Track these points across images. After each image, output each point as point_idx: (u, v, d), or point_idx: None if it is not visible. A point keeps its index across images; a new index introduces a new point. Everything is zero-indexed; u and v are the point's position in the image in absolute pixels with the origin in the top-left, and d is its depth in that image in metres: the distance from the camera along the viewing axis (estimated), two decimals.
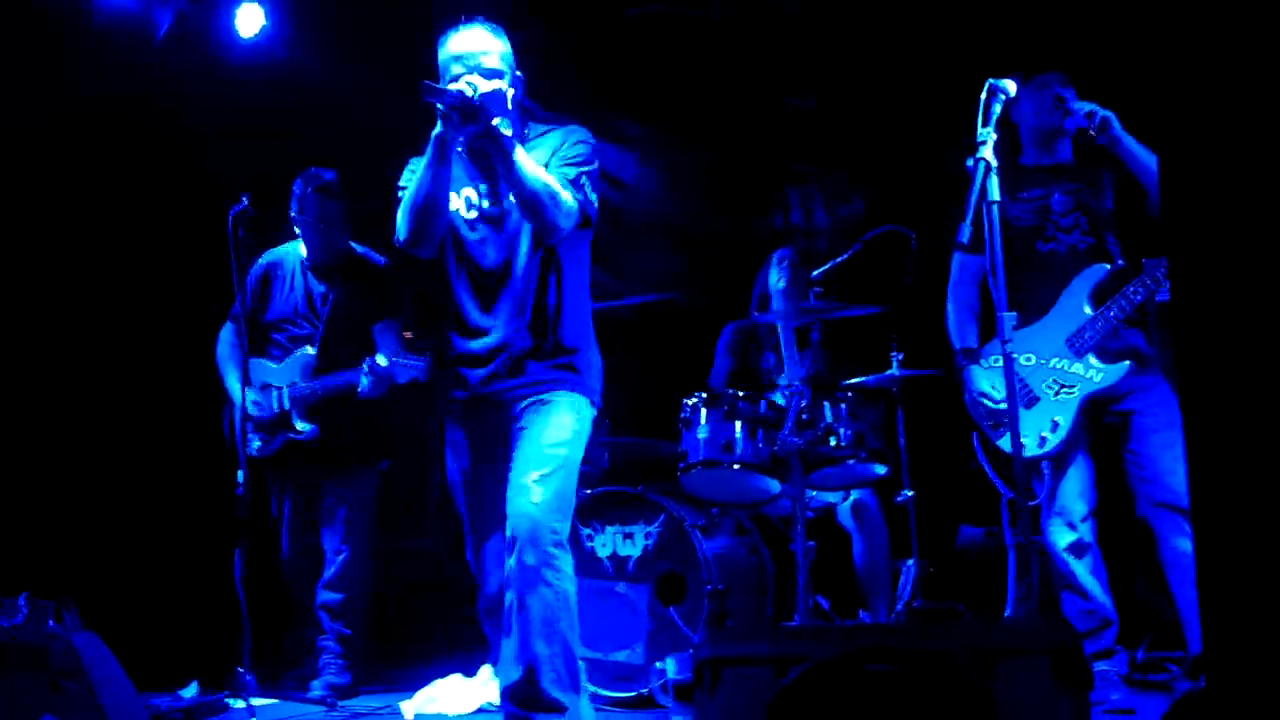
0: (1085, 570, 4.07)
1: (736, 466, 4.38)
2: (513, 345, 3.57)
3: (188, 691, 4.63)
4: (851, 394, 4.51)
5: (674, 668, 4.20)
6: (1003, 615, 4.35)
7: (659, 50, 6.25)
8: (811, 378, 4.94)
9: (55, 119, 5.55)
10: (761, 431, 4.40)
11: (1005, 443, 3.97)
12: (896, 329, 4.79)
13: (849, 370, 5.00)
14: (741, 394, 4.50)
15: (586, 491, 4.67)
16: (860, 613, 4.84)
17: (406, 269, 4.83)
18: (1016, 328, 3.54)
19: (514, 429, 3.54)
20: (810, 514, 4.53)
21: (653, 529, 4.59)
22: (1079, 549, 4.06)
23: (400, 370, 4.57)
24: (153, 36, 5.77)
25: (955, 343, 4.32)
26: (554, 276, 3.61)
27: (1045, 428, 4.06)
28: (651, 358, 5.92)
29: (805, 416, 4.35)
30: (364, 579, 4.97)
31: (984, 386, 4.15)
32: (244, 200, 4.52)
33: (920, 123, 5.66)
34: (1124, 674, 4.05)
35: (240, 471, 4.48)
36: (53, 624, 4.57)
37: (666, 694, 4.25)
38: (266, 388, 4.90)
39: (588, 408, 3.63)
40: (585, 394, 3.61)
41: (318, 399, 4.85)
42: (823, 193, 6.36)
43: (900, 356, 4.77)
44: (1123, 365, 4.04)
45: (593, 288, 3.82)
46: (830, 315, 4.66)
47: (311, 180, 4.98)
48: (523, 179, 3.43)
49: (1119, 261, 4.13)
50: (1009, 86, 3.52)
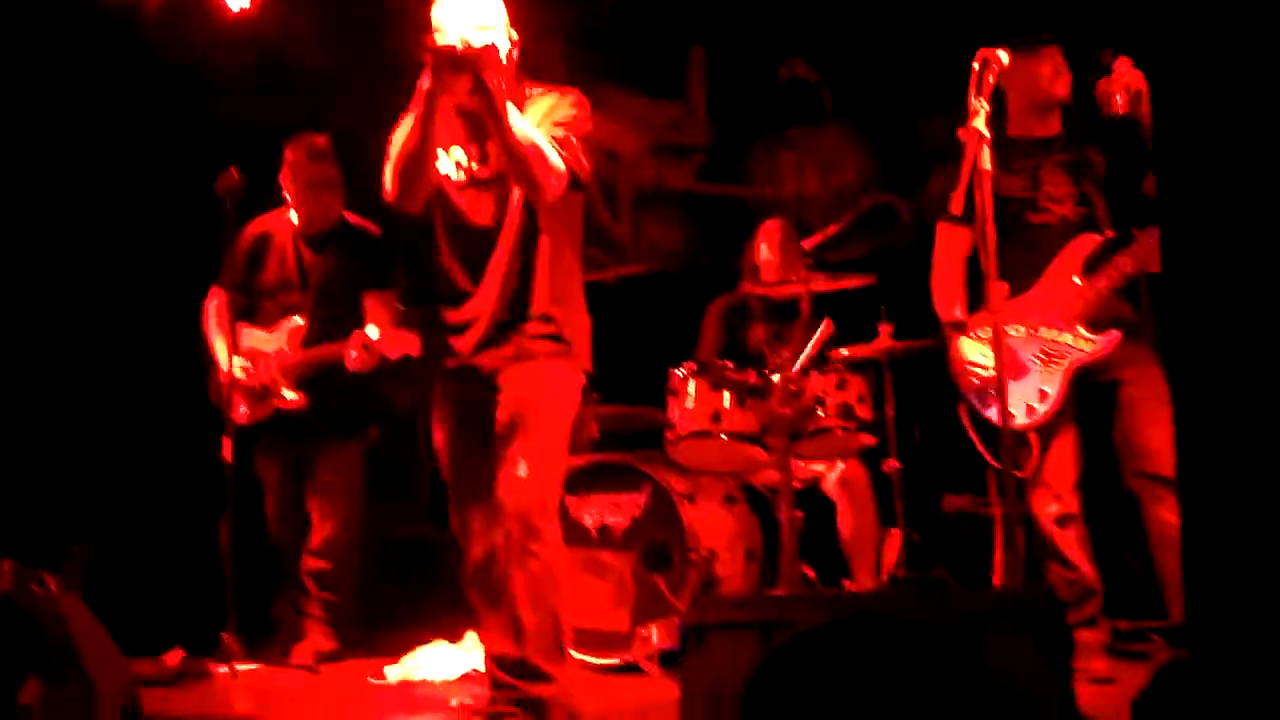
0: (1070, 541, 4.07)
1: (724, 436, 4.38)
2: (499, 312, 3.53)
3: (173, 657, 4.63)
4: (839, 364, 4.51)
5: (658, 635, 4.22)
6: (988, 585, 4.36)
7: (650, 17, 6.23)
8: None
9: (46, 86, 5.52)
10: (749, 401, 4.40)
11: (993, 413, 3.97)
12: (885, 300, 4.78)
13: (837, 341, 4.99)
14: (729, 364, 4.51)
15: (574, 460, 4.67)
16: (845, 583, 4.86)
17: (398, 236, 4.81)
18: (1005, 298, 3.54)
19: (500, 398, 3.52)
20: (797, 484, 4.54)
21: (640, 498, 4.59)
22: (1065, 520, 4.07)
23: (389, 344, 4.55)
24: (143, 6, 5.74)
25: (942, 314, 4.29)
26: (543, 242, 3.56)
27: (1033, 398, 4.05)
28: (641, 327, 5.91)
29: (793, 386, 4.35)
30: (351, 547, 4.97)
31: (974, 357, 4.13)
32: (231, 169, 4.50)
33: (913, 91, 5.66)
34: (1106, 643, 4.07)
35: (226, 439, 4.47)
36: (38, 589, 4.57)
37: (651, 661, 4.26)
38: (255, 355, 4.88)
39: (577, 376, 3.60)
40: (573, 359, 3.59)
41: (306, 369, 4.83)
42: (815, 163, 6.34)
43: (889, 326, 4.76)
44: (1111, 334, 4.03)
45: (583, 258, 3.80)
46: (819, 287, 4.65)
47: (302, 146, 4.95)
48: (512, 135, 3.37)
49: (1108, 232, 4.12)
50: (1001, 57, 3.50)
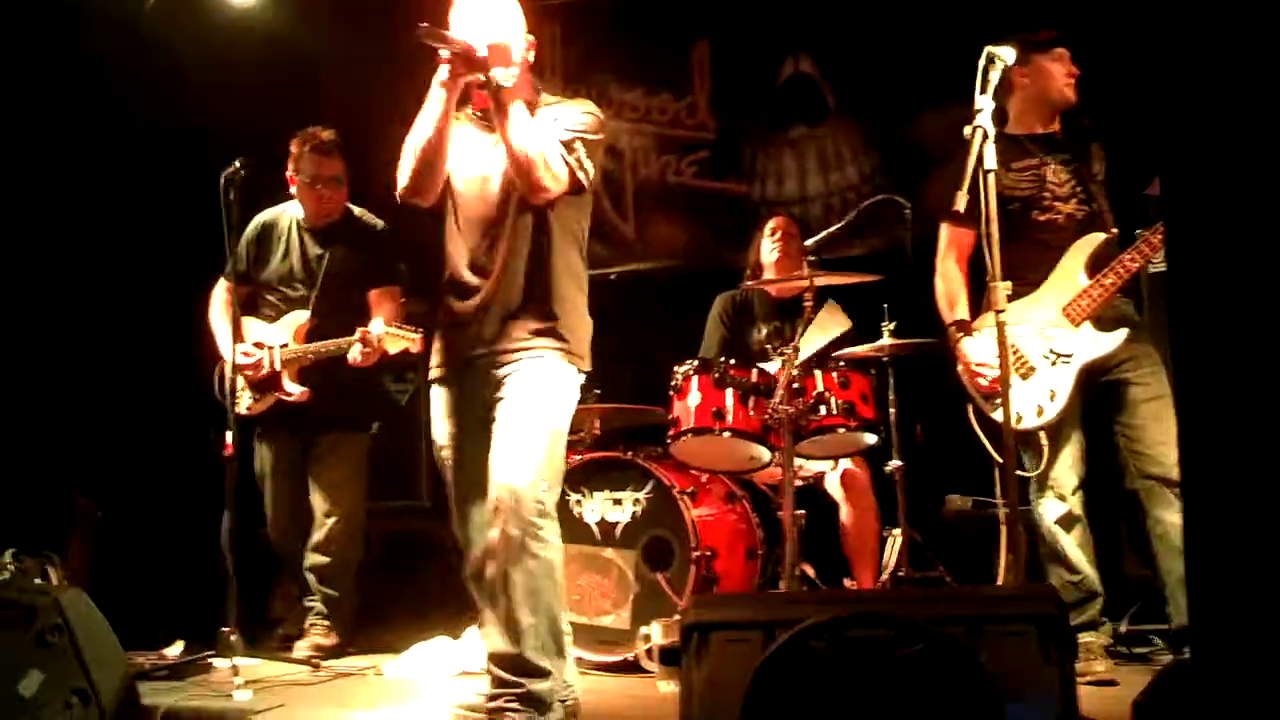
0: (1073, 543, 4.06)
1: (727, 434, 4.38)
2: (500, 308, 3.54)
3: (173, 650, 4.64)
4: (843, 362, 4.51)
5: (660, 632, 4.21)
6: (990, 585, 4.36)
7: (651, 14, 6.22)
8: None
9: (49, 81, 5.52)
10: (752, 399, 4.40)
11: (999, 415, 3.95)
12: (888, 298, 4.77)
13: (851, 340, 4.98)
14: (733, 362, 4.50)
15: (576, 457, 4.67)
16: (846, 581, 4.85)
17: (403, 231, 4.82)
18: (1010, 298, 3.52)
19: (499, 394, 3.52)
20: (799, 482, 4.53)
21: (642, 495, 4.59)
22: (1068, 521, 4.06)
23: (392, 340, 4.57)
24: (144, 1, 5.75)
25: (946, 315, 4.27)
26: (546, 240, 3.56)
27: (1043, 397, 4.03)
28: (644, 325, 5.91)
29: (796, 385, 4.35)
30: (352, 542, 4.97)
31: (980, 357, 4.10)
32: (236, 162, 4.50)
33: (916, 89, 5.65)
34: (1108, 645, 4.06)
35: (229, 432, 4.47)
36: (39, 580, 4.58)
37: (652, 659, 4.26)
38: (259, 347, 4.88)
39: (574, 374, 3.60)
40: (571, 359, 3.59)
41: (309, 363, 4.83)
42: (819, 159, 6.34)
43: (892, 325, 4.75)
44: (1120, 333, 4.01)
45: (587, 256, 3.80)
46: (822, 284, 4.64)
47: (308, 139, 4.95)
48: (517, 135, 3.40)
49: (1113, 230, 4.11)
50: (1005, 54, 3.49)
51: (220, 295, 5.04)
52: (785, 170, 6.37)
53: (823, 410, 4.37)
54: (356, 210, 5.05)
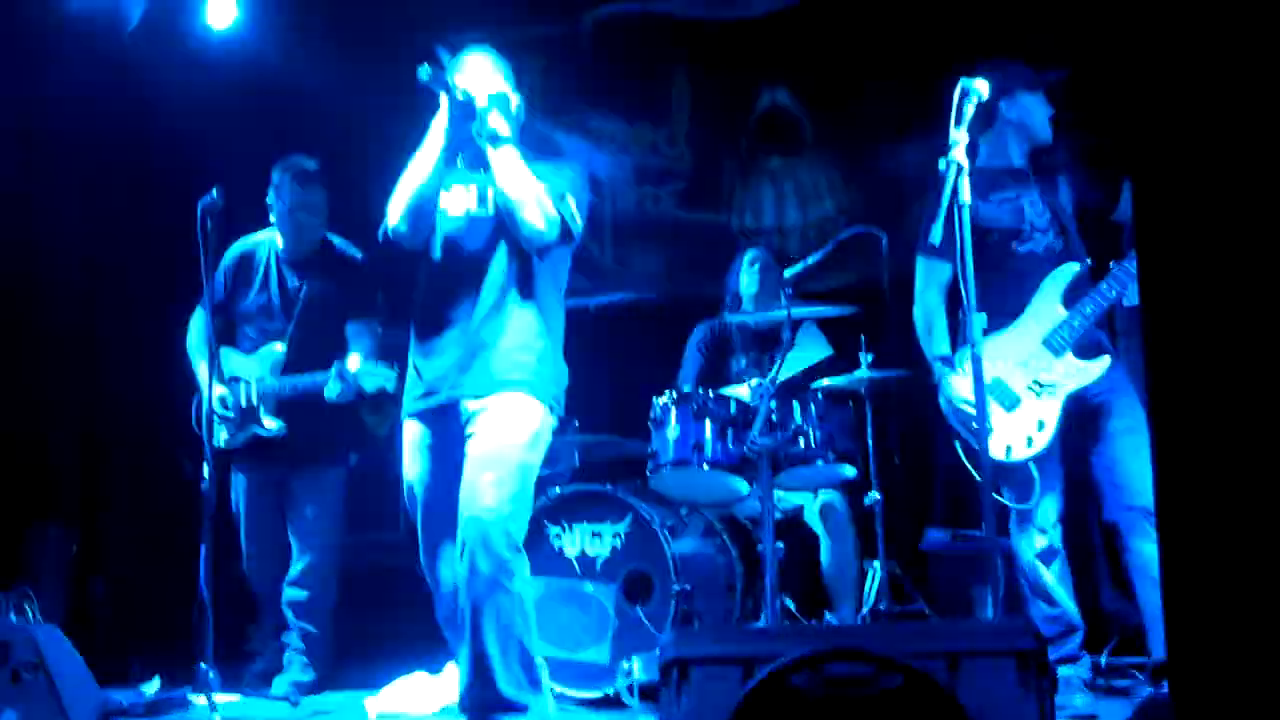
0: (1053, 576, 4.06)
1: (706, 467, 4.37)
2: (476, 348, 3.57)
3: (149, 687, 4.60)
4: (821, 395, 4.51)
5: (640, 667, 4.19)
6: (969, 618, 4.35)
7: (631, 45, 6.25)
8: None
9: (26, 108, 5.51)
10: (731, 432, 4.39)
11: (990, 447, 3.93)
12: (866, 330, 4.78)
13: (829, 370, 4.99)
14: (712, 394, 4.50)
15: (556, 490, 4.66)
16: (826, 615, 4.84)
17: (383, 264, 4.81)
18: (987, 330, 3.53)
19: (470, 431, 3.55)
20: (778, 515, 4.53)
21: (621, 528, 4.57)
22: (1049, 554, 4.06)
23: (368, 378, 4.56)
24: (124, 28, 5.73)
25: (928, 350, 4.25)
26: (527, 285, 3.65)
27: (1031, 428, 4.02)
28: (623, 356, 5.91)
29: (774, 417, 4.35)
30: (330, 576, 4.94)
31: (966, 390, 4.08)
32: (213, 192, 4.48)
33: (892, 122, 5.68)
34: (1087, 679, 4.06)
35: (206, 465, 4.44)
36: (14, 617, 4.53)
37: (632, 694, 4.24)
38: (235, 380, 4.85)
39: (546, 414, 3.64)
40: (544, 399, 3.62)
41: (285, 398, 4.81)
42: (796, 191, 6.36)
43: (870, 358, 4.76)
44: (1103, 359, 4.01)
45: (565, 289, 3.84)
46: (801, 316, 4.65)
47: (290, 168, 4.93)
48: (512, 181, 3.51)
49: (1087, 260, 4.13)
50: (980, 88, 3.51)
51: (197, 326, 5.01)
52: (763, 201, 6.39)
53: (801, 443, 4.37)
54: (336, 241, 5.04)
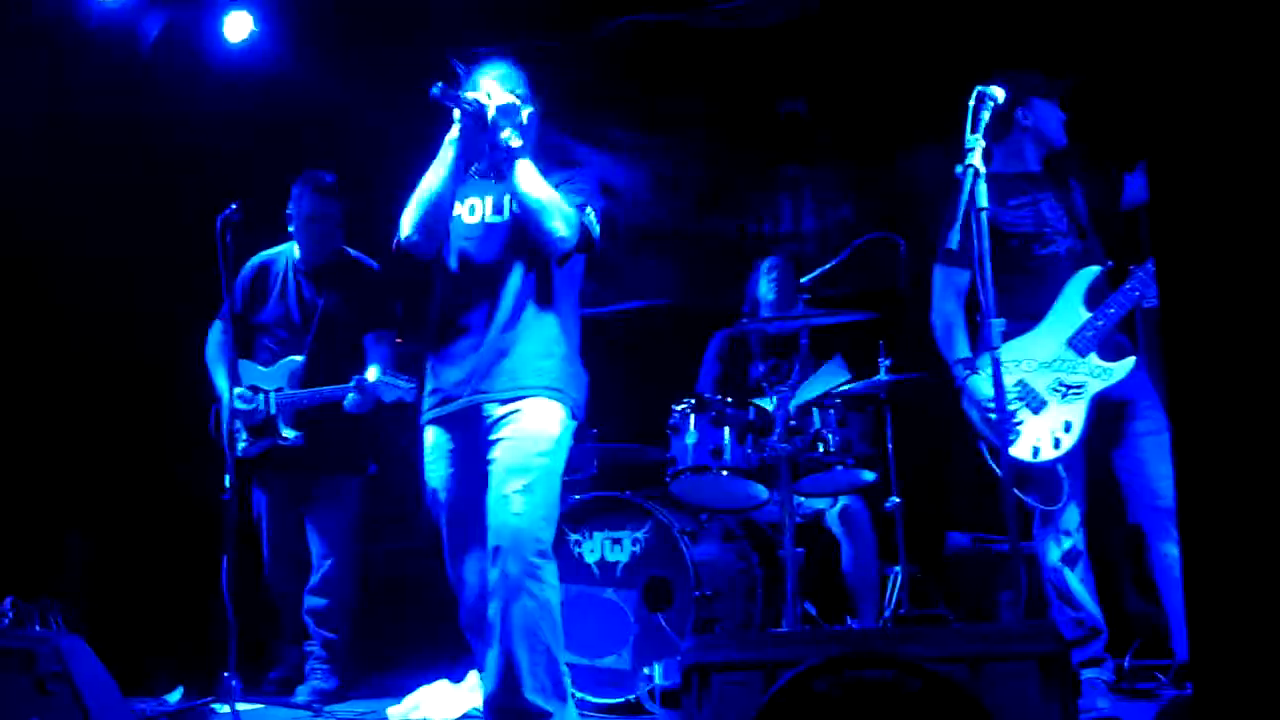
0: (1076, 579, 4.04)
1: (725, 472, 4.38)
2: (496, 354, 3.59)
3: (173, 696, 4.61)
4: (840, 400, 4.51)
5: (661, 673, 4.20)
6: (991, 622, 4.34)
7: (647, 54, 6.26)
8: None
9: (47, 123, 5.54)
10: (750, 437, 4.40)
11: (1015, 451, 3.92)
12: (885, 335, 4.78)
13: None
14: (730, 400, 4.51)
15: (575, 497, 4.67)
16: (847, 619, 4.84)
17: (400, 274, 4.83)
18: (1008, 334, 3.53)
19: (493, 438, 3.56)
20: (798, 520, 4.53)
21: (641, 535, 4.58)
22: (1072, 557, 4.04)
23: (387, 389, 4.57)
24: (142, 43, 5.77)
25: (948, 355, 4.22)
26: (544, 292, 3.67)
27: (1059, 430, 3.99)
28: (641, 363, 5.92)
29: (794, 423, 4.35)
30: (350, 584, 4.96)
31: (989, 393, 4.07)
32: (232, 205, 4.51)
33: (909, 129, 5.68)
34: (1111, 682, 4.05)
35: (227, 475, 4.46)
36: (39, 627, 4.56)
37: (653, 700, 4.24)
38: (254, 390, 4.88)
39: (568, 418, 3.66)
40: (566, 404, 3.64)
41: (304, 408, 4.83)
42: (813, 198, 6.37)
43: (888, 363, 4.76)
44: (1129, 360, 3.99)
45: (582, 294, 3.86)
46: (818, 322, 4.65)
47: (310, 181, 4.97)
48: (531, 188, 3.53)
49: (1108, 263, 4.12)
50: (997, 94, 3.52)
51: (216, 337, 5.04)
52: (780, 209, 6.40)
53: (821, 448, 4.37)
54: (352, 252, 5.07)
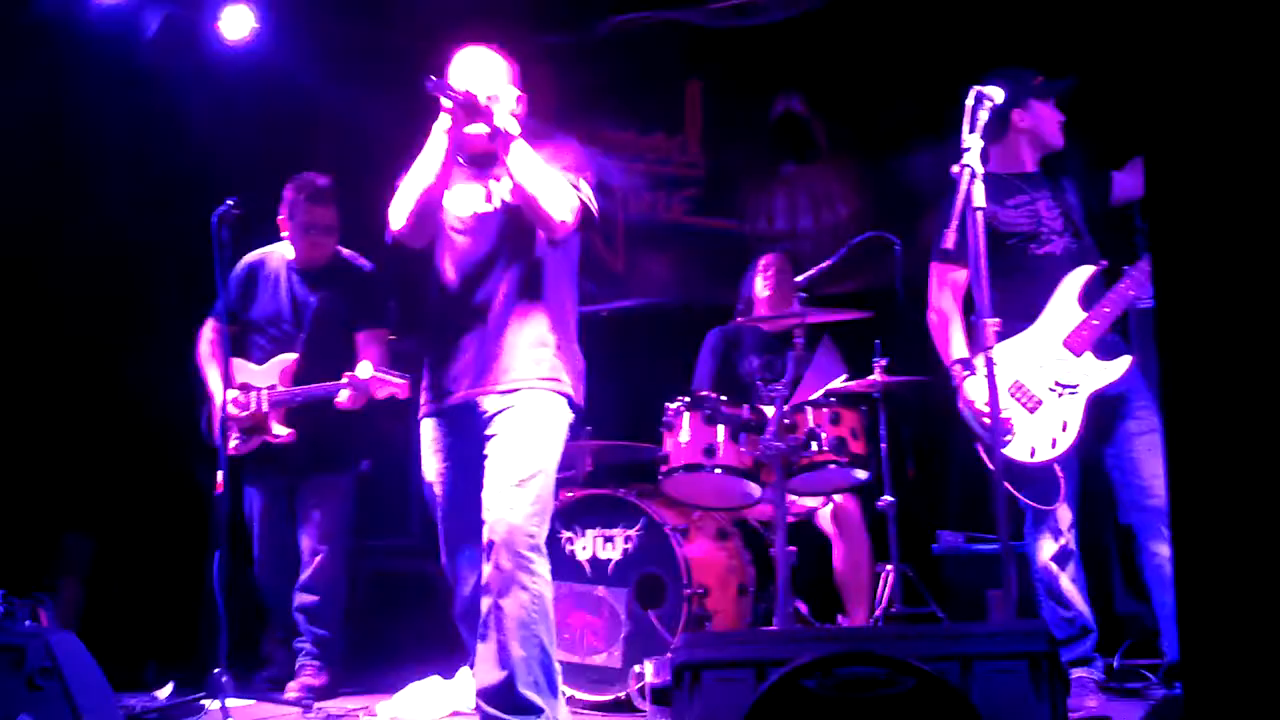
0: (1068, 579, 4.05)
1: (718, 470, 4.38)
2: (491, 346, 3.58)
3: (163, 692, 4.61)
4: (834, 399, 4.51)
5: (652, 671, 4.20)
6: (982, 621, 4.35)
7: (643, 53, 6.26)
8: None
9: (43, 118, 5.54)
10: (743, 436, 4.40)
11: (1011, 450, 3.93)
12: (879, 334, 4.79)
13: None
14: (724, 398, 4.51)
15: (568, 494, 4.67)
16: (839, 617, 4.84)
17: (392, 272, 4.83)
18: (1003, 333, 3.53)
19: (490, 433, 3.55)
20: (791, 518, 4.53)
21: (633, 532, 4.58)
22: (1064, 557, 4.04)
23: (379, 385, 4.58)
24: (141, 38, 5.76)
25: (945, 355, 4.24)
26: (538, 281, 3.64)
27: (1054, 429, 4.00)
28: (634, 361, 5.92)
29: (787, 421, 4.36)
30: (341, 581, 4.95)
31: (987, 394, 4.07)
32: (228, 201, 4.51)
33: (906, 128, 5.68)
34: (1100, 681, 4.05)
35: (219, 472, 4.46)
36: (29, 622, 4.55)
37: (644, 697, 4.24)
38: (246, 388, 4.87)
39: (565, 411, 3.64)
40: (563, 397, 3.62)
41: (296, 406, 4.83)
42: (808, 199, 6.37)
43: (883, 362, 4.77)
44: (1124, 359, 4.00)
45: (578, 292, 3.85)
46: (813, 320, 4.65)
47: (304, 187, 4.96)
48: (527, 173, 3.50)
49: (1103, 262, 4.12)
50: (995, 94, 3.52)
51: (209, 335, 5.04)
52: (776, 208, 6.40)
53: (814, 447, 4.37)
54: (345, 252, 5.06)
